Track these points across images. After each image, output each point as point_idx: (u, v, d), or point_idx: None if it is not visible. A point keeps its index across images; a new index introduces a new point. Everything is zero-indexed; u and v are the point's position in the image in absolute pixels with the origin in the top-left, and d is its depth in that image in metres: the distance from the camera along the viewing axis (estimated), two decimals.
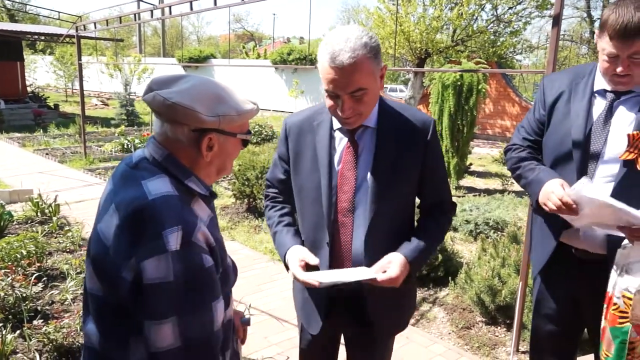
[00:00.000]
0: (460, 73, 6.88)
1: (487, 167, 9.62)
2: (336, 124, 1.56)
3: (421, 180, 1.57)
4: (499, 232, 4.89)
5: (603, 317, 1.60)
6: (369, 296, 1.57)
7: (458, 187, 7.50)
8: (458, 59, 10.75)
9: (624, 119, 1.63)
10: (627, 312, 1.51)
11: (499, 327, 3.30)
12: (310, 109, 1.65)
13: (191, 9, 5.36)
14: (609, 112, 1.65)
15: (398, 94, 20.14)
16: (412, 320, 3.39)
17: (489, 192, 7.20)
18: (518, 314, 2.88)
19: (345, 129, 1.53)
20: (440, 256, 3.94)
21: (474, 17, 12.16)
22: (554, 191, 1.61)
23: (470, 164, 8.75)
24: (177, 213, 0.99)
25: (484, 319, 3.38)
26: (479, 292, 3.31)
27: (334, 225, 1.54)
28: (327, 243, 1.54)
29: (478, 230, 5.05)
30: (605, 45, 1.55)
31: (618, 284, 1.54)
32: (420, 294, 3.78)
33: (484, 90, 7.18)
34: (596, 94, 1.70)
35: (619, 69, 1.54)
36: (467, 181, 8.12)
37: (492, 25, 12.57)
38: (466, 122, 7.19)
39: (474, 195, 6.76)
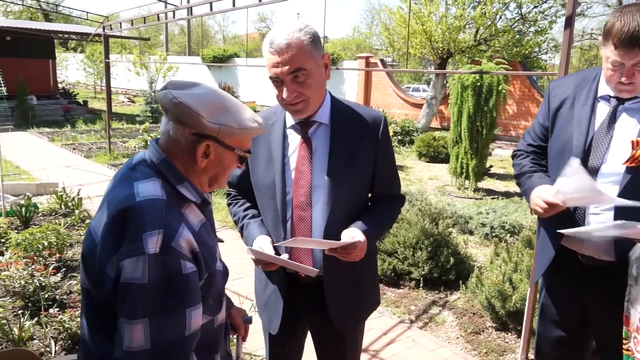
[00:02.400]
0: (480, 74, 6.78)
1: (508, 170, 9.43)
2: (289, 122, 1.60)
3: (373, 175, 1.63)
4: (515, 236, 4.82)
5: (635, 349, 1.49)
6: (326, 281, 1.58)
7: (476, 190, 7.39)
8: (480, 59, 10.60)
9: (627, 125, 1.61)
10: None
11: (509, 334, 3.25)
12: (267, 110, 1.70)
13: (211, 9, 5.46)
14: (612, 118, 1.63)
15: (421, 94, 19.94)
16: (419, 323, 3.38)
17: (508, 194, 7.08)
18: (527, 321, 2.84)
19: (299, 127, 1.57)
20: (452, 259, 3.92)
21: (498, 16, 11.97)
22: (539, 195, 1.64)
23: (491, 166, 8.61)
24: (160, 217, 1.01)
25: (494, 325, 3.34)
26: (489, 296, 3.27)
27: (292, 221, 1.57)
28: (283, 239, 1.57)
29: (494, 234, 4.98)
30: (609, 53, 1.52)
31: None
32: (430, 296, 3.76)
33: (504, 91, 7.06)
34: (600, 99, 1.68)
35: (623, 78, 1.52)
36: (487, 183, 8.00)
37: (516, 24, 12.35)
38: (485, 124, 7.05)
39: (492, 198, 6.65)
